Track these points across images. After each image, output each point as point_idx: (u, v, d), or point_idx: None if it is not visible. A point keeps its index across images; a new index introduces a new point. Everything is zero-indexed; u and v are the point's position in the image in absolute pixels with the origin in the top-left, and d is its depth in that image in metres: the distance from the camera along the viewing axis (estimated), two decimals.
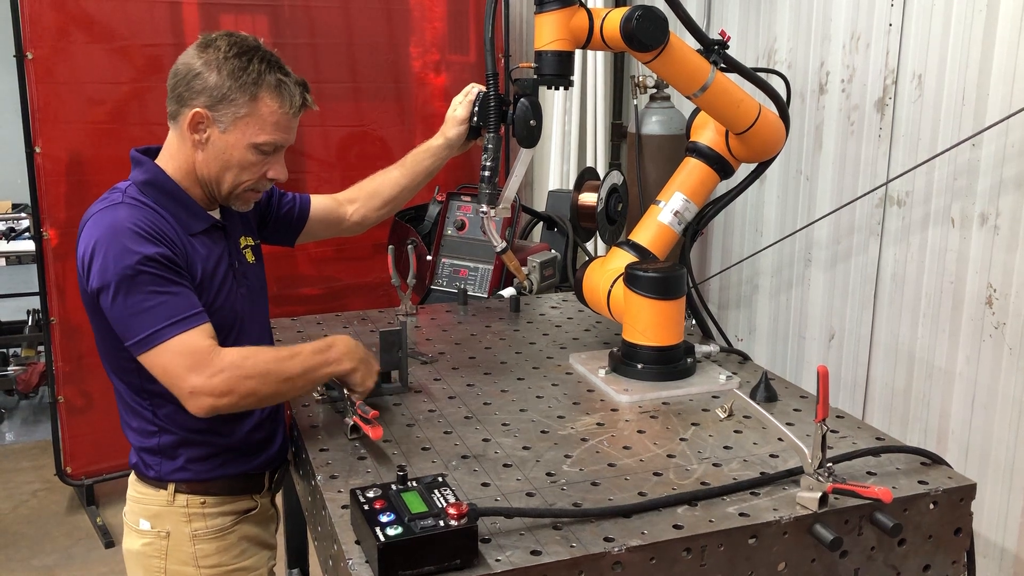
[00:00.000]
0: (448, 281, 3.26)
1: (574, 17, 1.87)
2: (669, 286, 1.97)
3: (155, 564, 1.77)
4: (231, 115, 1.66)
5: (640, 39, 1.84)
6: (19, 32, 3.25)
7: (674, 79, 2.00)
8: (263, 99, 1.67)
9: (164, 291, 1.57)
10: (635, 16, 1.82)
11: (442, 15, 4.10)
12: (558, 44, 1.86)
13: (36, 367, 4.83)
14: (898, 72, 2.67)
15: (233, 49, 1.66)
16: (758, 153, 2.16)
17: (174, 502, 1.75)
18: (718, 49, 1.98)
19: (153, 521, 1.77)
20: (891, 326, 2.76)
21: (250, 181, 1.73)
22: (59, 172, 3.39)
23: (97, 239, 1.59)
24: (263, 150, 1.70)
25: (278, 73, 1.69)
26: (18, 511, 3.90)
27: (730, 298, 3.59)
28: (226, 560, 1.80)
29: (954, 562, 1.54)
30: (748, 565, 1.40)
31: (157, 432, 1.74)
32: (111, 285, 1.56)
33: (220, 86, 1.64)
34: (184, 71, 1.67)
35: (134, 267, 1.55)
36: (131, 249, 1.56)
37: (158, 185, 1.70)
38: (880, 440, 1.71)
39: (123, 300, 1.55)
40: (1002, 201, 2.35)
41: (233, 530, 1.81)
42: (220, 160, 1.69)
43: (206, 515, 1.78)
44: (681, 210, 2.17)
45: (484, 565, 1.26)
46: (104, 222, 1.61)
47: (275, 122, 1.69)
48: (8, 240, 4.75)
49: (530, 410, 1.86)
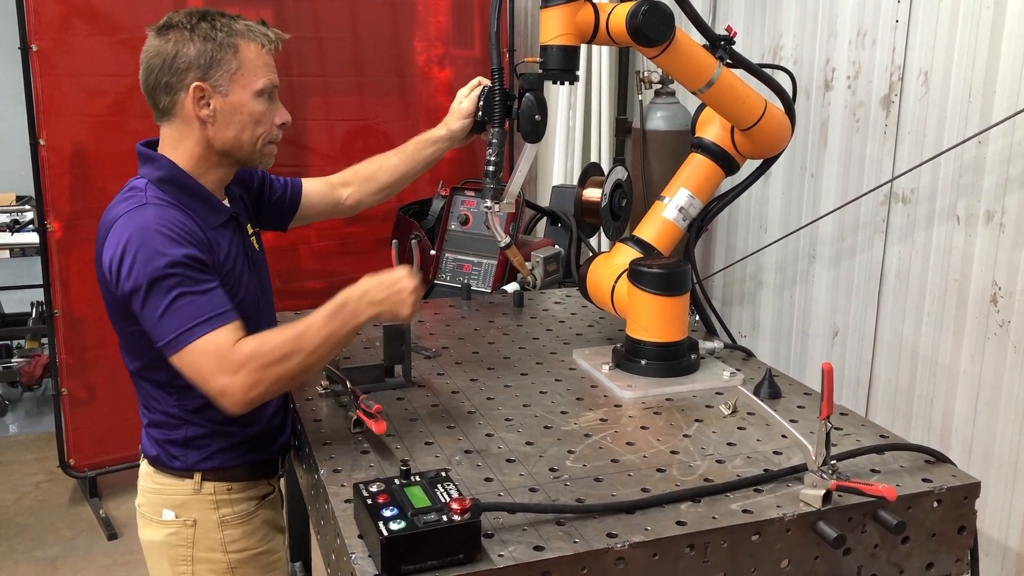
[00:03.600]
0: (451, 276, 3.26)
1: (580, 11, 1.86)
2: (673, 282, 1.96)
3: (181, 553, 1.78)
4: (225, 75, 1.66)
5: (646, 34, 1.83)
6: (23, 24, 3.25)
7: (680, 74, 1.99)
8: (243, 47, 1.68)
9: (193, 291, 1.56)
10: (641, 11, 1.81)
11: (446, 9, 4.10)
12: (564, 39, 1.85)
13: (40, 359, 4.84)
14: (904, 69, 2.66)
15: (193, 17, 1.67)
16: (763, 149, 2.16)
17: (201, 490, 1.77)
18: (724, 44, 1.97)
19: (178, 510, 1.77)
20: (895, 323, 2.75)
21: (266, 132, 1.74)
22: (63, 164, 3.39)
23: (126, 242, 1.57)
24: (265, 93, 1.71)
25: (241, 20, 1.71)
26: (21, 503, 3.91)
27: (734, 295, 3.59)
28: (252, 544, 1.83)
29: (957, 560, 1.54)
30: (751, 562, 1.39)
31: (183, 425, 1.74)
32: (142, 288, 1.55)
33: (203, 52, 1.64)
34: (159, 61, 1.66)
35: (164, 269, 1.55)
36: (161, 251, 1.56)
37: (176, 181, 1.69)
38: (884, 438, 1.71)
39: (154, 302, 1.55)
40: (1008, 199, 2.34)
41: (256, 514, 1.84)
42: (234, 123, 1.69)
43: (232, 501, 1.80)
44: (686, 206, 2.16)
45: (487, 560, 1.26)
46: (132, 225, 1.59)
47: (264, 63, 1.71)
48: (12, 232, 4.75)
49: (533, 405, 1.86)
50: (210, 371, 1.54)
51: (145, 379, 1.74)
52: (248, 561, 1.83)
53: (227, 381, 1.53)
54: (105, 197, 3.50)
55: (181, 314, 1.55)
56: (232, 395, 1.54)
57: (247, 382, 1.53)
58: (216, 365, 1.54)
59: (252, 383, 1.54)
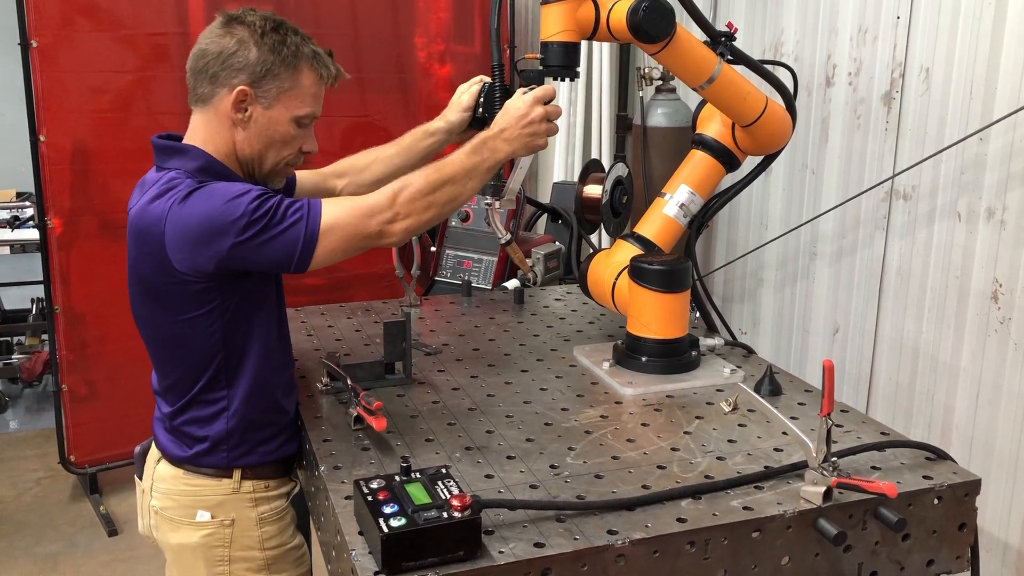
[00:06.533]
0: (452, 272, 3.26)
1: (580, 7, 1.86)
2: (674, 279, 1.96)
3: (219, 554, 1.77)
4: (275, 90, 1.66)
5: (647, 30, 1.83)
6: (24, 20, 3.24)
7: (680, 71, 1.99)
8: (303, 71, 1.68)
9: (285, 203, 1.58)
10: (642, 7, 1.81)
11: (447, 5, 4.09)
12: (564, 35, 1.85)
13: (40, 356, 4.84)
14: (905, 65, 2.65)
15: (267, 23, 1.66)
16: (764, 146, 2.15)
17: (240, 489, 1.76)
18: (725, 41, 1.97)
19: (215, 511, 1.76)
20: (896, 321, 2.75)
21: (290, 155, 1.74)
22: (63, 161, 3.39)
23: (200, 214, 1.56)
24: (303, 123, 1.72)
25: (311, 44, 1.70)
26: (22, 499, 3.91)
27: (734, 291, 3.59)
28: (286, 539, 1.84)
29: (958, 557, 1.54)
30: (751, 559, 1.39)
31: (228, 417, 1.73)
32: (241, 232, 1.54)
33: (263, 61, 1.64)
34: (216, 50, 1.64)
35: (252, 202, 1.55)
36: (238, 196, 1.56)
37: (214, 171, 1.66)
38: (885, 435, 1.71)
39: (262, 234, 1.55)
40: (1009, 196, 2.34)
41: (288, 510, 1.85)
42: (264, 137, 1.69)
43: (270, 498, 1.80)
44: (687, 203, 2.16)
45: (487, 557, 1.26)
46: (197, 200, 1.57)
47: (314, 94, 1.71)
48: (12, 228, 4.75)
49: (534, 402, 1.86)
50: (362, 222, 1.61)
51: (194, 374, 1.71)
52: (283, 556, 1.83)
53: (386, 217, 1.61)
54: (106, 193, 3.53)
55: (295, 213, 1.57)
56: (394, 226, 1.63)
57: (403, 211, 1.62)
58: (363, 213, 1.61)
59: (408, 212, 1.63)
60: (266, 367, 1.75)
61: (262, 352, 1.73)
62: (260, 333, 1.73)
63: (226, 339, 1.68)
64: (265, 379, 1.75)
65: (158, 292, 1.67)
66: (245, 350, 1.71)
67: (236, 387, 1.72)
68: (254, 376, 1.73)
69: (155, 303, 1.69)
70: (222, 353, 1.69)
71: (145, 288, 1.69)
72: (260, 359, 1.73)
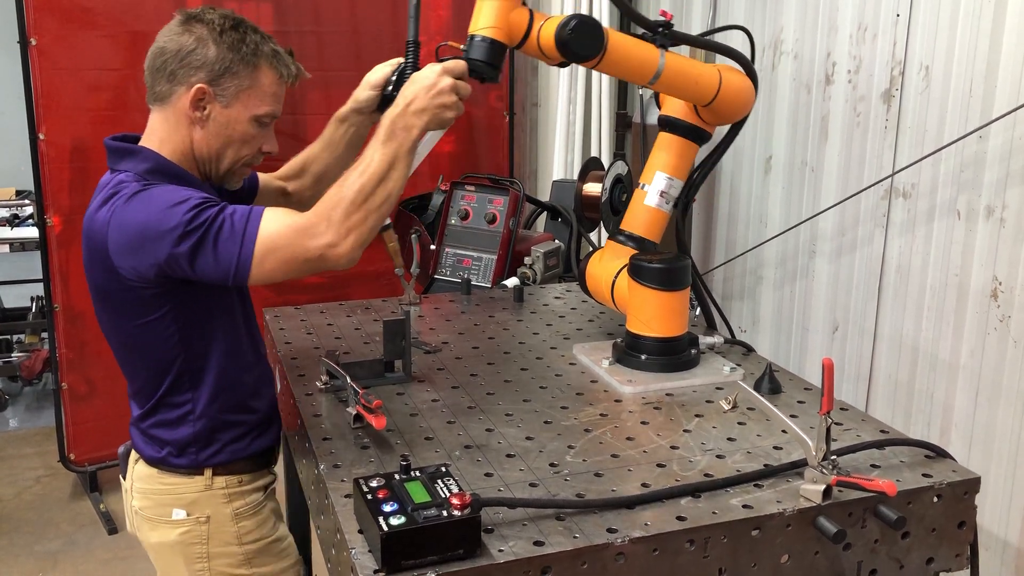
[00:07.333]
0: (452, 270, 3.26)
1: (514, 11, 1.78)
2: (674, 277, 1.96)
3: (196, 550, 1.78)
4: (233, 88, 1.64)
5: (574, 50, 1.76)
6: (23, 18, 3.24)
7: (624, 75, 1.96)
8: (263, 70, 1.66)
9: (223, 213, 1.53)
10: (570, 26, 1.74)
11: (447, 2, 4.09)
12: (493, 32, 1.76)
13: (39, 354, 4.84)
14: (905, 63, 2.65)
15: (227, 21, 1.65)
16: (730, 116, 2.10)
17: (212, 485, 1.76)
18: (662, 31, 1.89)
19: (190, 508, 1.76)
20: (895, 318, 2.75)
21: (248, 155, 1.72)
22: (63, 159, 3.39)
23: (138, 221, 1.53)
24: (263, 122, 1.69)
25: (271, 43, 1.69)
26: (21, 497, 3.91)
27: (734, 289, 3.58)
28: (264, 533, 1.83)
29: (957, 555, 1.54)
30: (751, 557, 1.39)
31: (192, 421, 1.73)
32: (179, 242, 1.50)
33: (222, 59, 1.62)
34: (174, 48, 1.63)
35: (189, 212, 1.50)
36: (175, 204, 1.51)
37: (165, 171, 1.65)
38: (884, 433, 1.71)
39: (198, 244, 1.51)
40: (1008, 194, 2.34)
41: (264, 504, 1.85)
42: (222, 136, 1.67)
43: (244, 493, 1.80)
44: (666, 189, 2.14)
45: (487, 555, 1.26)
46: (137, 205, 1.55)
47: (274, 93, 1.69)
48: (12, 227, 4.75)
49: (533, 400, 1.86)
50: (300, 243, 1.52)
51: (157, 378, 1.71)
52: (263, 550, 1.83)
53: (323, 241, 1.51)
54: None
55: (230, 230, 1.51)
56: (337, 250, 1.52)
57: (342, 231, 1.52)
58: (300, 234, 1.52)
59: (347, 230, 1.52)
60: (232, 368, 1.74)
61: (226, 353, 1.72)
62: (222, 335, 1.71)
63: (185, 343, 1.67)
64: (231, 380, 1.74)
65: (112, 298, 1.66)
66: (207, 353, 1.70)
67: (200, 389, 1.71)
68: (218, 378, 1.72)
69: (112, 309, 1.68)
70: (182, 356, 1.68)
71: (101, 295, 1.68)
72: (224, 360, 1.72)
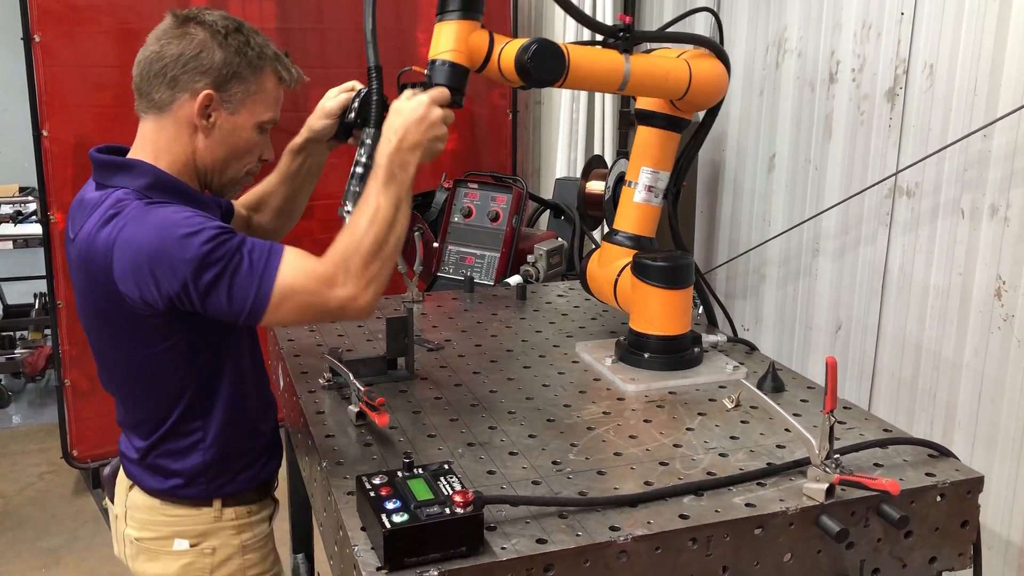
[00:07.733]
0: (454, 268, 3.26)
1: (474, 33, 1.73)
2: (677, 275, 1.96)
3: None
4: (240, 94, 1.57)
5: (536, 75, 1.72)
6: (26, 15, 3.25)
7: (592, 88, 1.95)
8: (268, 74, 1.61)
9: (241, 248, 1.44)
10: (530, 51, 1.70)
11: None
12: (454, 55, 1.71)
13: (43, 350, 4.85)
14: (909, 61, 2.65)
15: (229, 23, 1.56)
16: (705, 104, 2.09)
17: (222, 517, 1.69)
18: (622, 35, 1.87)
19: (196, 540, 1.68)
20: (899, 317, 2.75)
21: (251, 164, 1.66)
22: (66, 155, 3.39)
23: (150, 248, 1.42)
24: (264, 128, 1.64)
25: (273, 46, 1.63)
26: (24, 493, 3.92)
27: (737, 288, 3.58)
28: (267, 566, 1.78)
29: (960, 554, 1.54)
30: (754, 556, 1.39)
31: (204, 449, 1.64)
32: (189, 278, 1.41)
33: (228, 64, 1.54)
34: (175, 52, 1.53)
35: (205, 246, 1.41)
36: (191, 233, 1.42)
37: (165, 187, 1.54)
38: (887, 432, 1.71)
39: (213, 281, 1.42)
40: (1012, 193, 2.33)
41: (270, 536, 1.80)
42: (227, 144, 1.59)
43: (252, 524, 1.73)
44: (652, 183, 2.14)
45: (489, 553, 1.26)
46: (146, 230, 1.44)
47: (276, 97, 1.64)
48: (15, 223, 4.76)
49: (536, 398, 1.86)
50: (321, 292, 1.45)
51: (167, 409, 1.62)
52: None
53: (344, 293, 1.46)
54: None
55: (248, 269, 1.43)
56: (358, 302, 1.48)
57: (362, 283, 1.47)
58: (320, 283, 1.46)
59: (367, 282, 1.48)
60: (241, 392, 1.67)
61: (236, 376, 1.65)
62: (232, 359, 1.64)
63: (195, 370, 1.59)
64: (241, 403, 1.67)
65: (117, 326, 1.55)
66: (218, 378, 1.62)
67: (211, 417, 1.63)
68: (229, 402, 1.64)
69: (116, 337, 1.58)
70: (194, 385, 1.60)
71: (102, 322, 1.58)
72: (235, 385, 1.65)
